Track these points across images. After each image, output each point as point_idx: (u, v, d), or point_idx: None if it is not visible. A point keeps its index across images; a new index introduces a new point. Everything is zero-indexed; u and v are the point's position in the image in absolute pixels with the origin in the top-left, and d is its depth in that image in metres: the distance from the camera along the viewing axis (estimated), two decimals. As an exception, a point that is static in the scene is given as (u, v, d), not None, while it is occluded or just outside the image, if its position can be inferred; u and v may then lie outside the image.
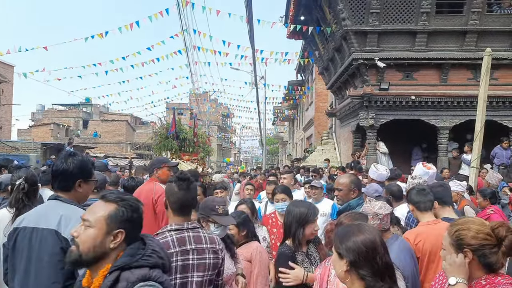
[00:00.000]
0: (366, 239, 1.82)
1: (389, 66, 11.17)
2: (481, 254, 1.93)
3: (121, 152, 39.16)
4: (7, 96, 29.04)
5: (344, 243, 1.85)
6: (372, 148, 11.53)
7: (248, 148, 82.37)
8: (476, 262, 1.94)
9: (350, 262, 1.80)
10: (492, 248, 1.92)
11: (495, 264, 1.92)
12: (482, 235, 1.93)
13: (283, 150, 46.95)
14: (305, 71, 26.88)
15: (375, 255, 1.80)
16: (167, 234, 2.35)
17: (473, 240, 1.94)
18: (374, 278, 1.78)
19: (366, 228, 1.90)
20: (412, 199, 3.38)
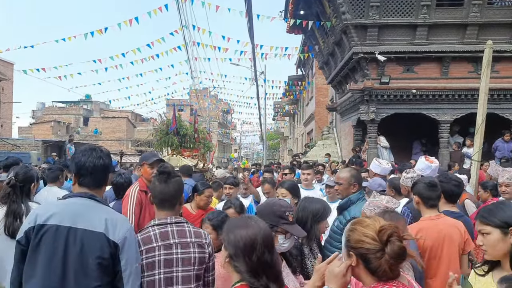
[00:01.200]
0: (247, 235, 1.82)
1: (390, 60, 11.14)
2: (366, 259, 1.70)
3: (122, 149, 39.19)
4: (7, 94, 29.04)
5: (228, 234, 1.88)
6: (373, 142, 11.51)
7: (249, 143, 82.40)
8: (363, 267, 1.72)
9: (229, 254, 1.84)
10: (376, 253, 1.68)
11: (377, 271, 1.68)
12: (365, 239, 1.70)
13: (283, 145, 46.94)
14: (305, 66, 26.81)
15: (252, 252, 1.79)
16: (150, 229, 2.35)
17: (357, 244, 1.72)
18: (248, 274, 1.78)
19: (253, 224, 1.89)
20: (421, 193, 3.26)
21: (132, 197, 3.74)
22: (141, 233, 2.33)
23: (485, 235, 2.11)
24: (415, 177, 4.01)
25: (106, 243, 2.07)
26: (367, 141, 11.94)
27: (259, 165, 17.48)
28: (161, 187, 2.40)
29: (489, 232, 2.10)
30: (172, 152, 10.82)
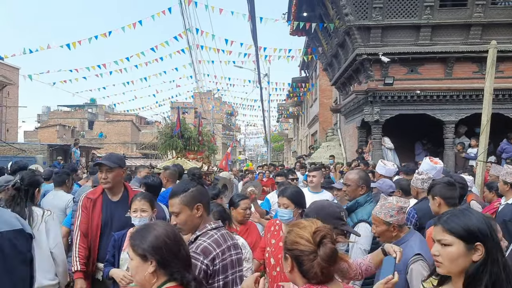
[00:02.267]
0: (169, 235, 1.85)
1: (393, 61, 11.13)
2: (299, 261, 1.66)
3: (127, 152, 39.31)
4: (13, 99, 29.23)
5: (145, 243, 1.81)
6: (378, 143, 11.50)
7: (253, 146, 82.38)
8: (297, 269, 1.68)
9: (156, 262, 1.79)
10: (309, 255, 1.64)
11: (308, 273, 1.64)
12: (300, 240, 1.67)
13: (288, 147, 46.91)
14: (308, 67, 26.81)
15: (179, 249, 1.85)
16: (212, 233, 2.43)
17: (292, 245, 1.68)
18: (180, 272, 1.81)
19: (158, 224, 1.94)
20: (443, 194, 3.21)
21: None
22: (207, 237, 2.37)
23: (444, 246, 1.76)
24: (426, 179, 3.99)
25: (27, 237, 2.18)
26: (370, 142, 11.92)
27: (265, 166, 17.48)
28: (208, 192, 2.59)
29: (450, 243, 1.74)
30: (177, 155, 10.86)
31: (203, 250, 2.28)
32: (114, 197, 3.60)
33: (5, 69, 27.36)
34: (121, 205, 3.54)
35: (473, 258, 1.69)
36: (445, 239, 1.75)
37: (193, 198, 2.42)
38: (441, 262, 1.76)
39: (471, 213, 1.80)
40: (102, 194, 3.59)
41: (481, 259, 1.68)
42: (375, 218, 2.85)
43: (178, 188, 2.50)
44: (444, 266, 1.76)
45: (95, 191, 3.69)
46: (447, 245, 1.74)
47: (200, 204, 2.42)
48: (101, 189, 3.61)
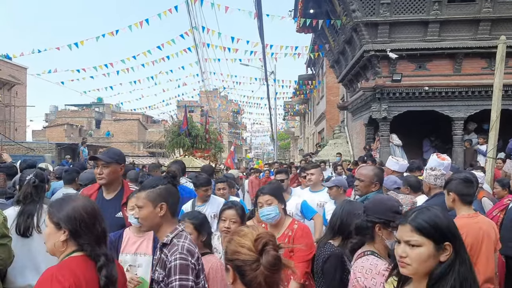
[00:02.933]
0: (87, 207, 1.90)
1: (401, 57, 11.07)
2: (241, 271, 1.57)
3: (134, 151, 39.48)
4: (21, 98, 29.43)
5: (61, 213, 1.87)
6: (386, 140, 11.44)
7: (259, 144, 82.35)
8: (239, 281, 1.59)
9: (68, 232, 1.85)
10: (252, 264, 1.55)
11: (252, 284, 1.55)
12: (242, 249, 1.57)
13: (294, 145, 46.85)
14: (315, 65, 26.72)
15: (95, 222, 1.90)
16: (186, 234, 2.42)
17: (234, 255, 1.59)
18: (91, 245, 1.87)
19: (80, 198, 2.02)
20: (458, 190, 3.15)
21: None
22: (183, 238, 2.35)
23: (413, 247, 1.64)
24: (439, 175, 3.95)
25: None
26: (378, 139, 11.86)
27: (271, 165, 17.47)
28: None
29: (420, 244, 1.63)
30: (184, 153, 10.89)
31: (188, 250, 2.28)
32: (108, 194, 3.39)
33: (13, 69, 27.56)
34: (112, 204, 3.32)
35: (441, 259, 1.62)
36: (414, 239, 1.64)
37: (159, 196, 2.37)
38: (409, 264, 1.65)
39: (437, 211, 1.72)
40: (98, 191, 3.40)
41: (448, 259, 1.61)
42: None
43: (148, 183, 2.46)
44: (411, 268, 1.65)
45: (92, 187, 3.49)
46: (416, 246, 1.63)
47: (165, 204, 2.36)
48: (98, 186, 3.42)
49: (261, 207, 3.14)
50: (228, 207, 3.39)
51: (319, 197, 5.09)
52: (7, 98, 26.98)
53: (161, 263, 2.32)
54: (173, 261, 2.22)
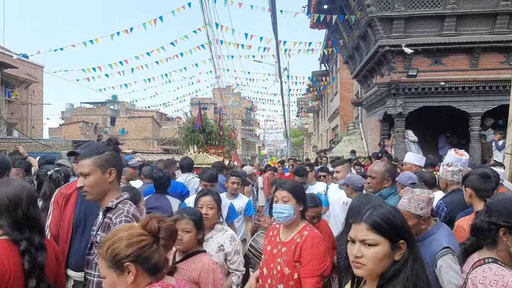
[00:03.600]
0: (12, 192, 1.95)
1: (417, 52, 10.92)
2: (143, 260, 1.61)
3: (148, 148, 39.81)
4: (38, 96, 29.86)
5: None
6: (401, 136, 11.32)
7: (272, 141, 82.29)
8: (140, 271, 1.61)
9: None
10: (152, 245, 1.64)
11: (159, 263, 1.65)
12: (136, 238, 1.62)
13: (308, 141, 46.70)
14: (329, 61, 26.57)
15: (17, 207, 1.94)
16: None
17: (129, 249, 1.60)
18: (11, 228, 1.91)
19: (15, 183, 2.04)
20: (476, 185, 3.10)
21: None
22: (128, 205, 2.34)
23: (369, 246, 1.55)
24: (456, 171, 3.89)
25: None
26: (393, 135, 11.74)
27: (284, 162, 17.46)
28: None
29: (377, 243, 1.54)
30: (198, 149, 10.93)
31: (133, 215, 2.26)
32: None
33: (30, 67, 27.98)
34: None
35: (395, 258, 1.54)
36: (370, 238, 1.54)
37: (107, 161, 2.31)
38: (364, 264, 1.54)
39: (391, 208, 1.65)
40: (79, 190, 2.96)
41: (402, 258, 1.54)
42: (404, 213, 2.68)
43: (91, 150, 2.35)
44: (367, 268, 1.55)
45: (71, 185, 3.04)
46: (372, 245, 1.54)
47: (114, 169, 2.32)
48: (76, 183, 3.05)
49: (276, 202, 2.86)
50: (204, 193, 3.37)
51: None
52: (24, 96, 27.40)
53: (104, 226, 2.27)
54: (118, 223, 2.18)
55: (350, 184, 4.49)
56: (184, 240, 2.69)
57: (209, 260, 2.72)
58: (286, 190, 2.84)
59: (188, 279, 2.58)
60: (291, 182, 2.95)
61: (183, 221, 2.72)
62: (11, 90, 26.12)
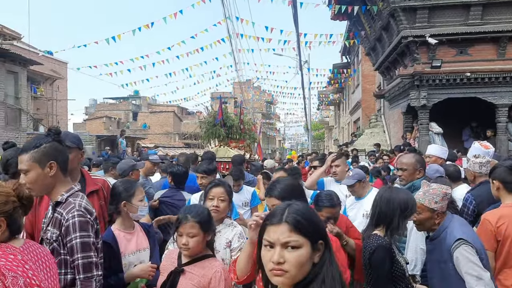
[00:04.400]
0: None
1: (441, 43, 10.69)
2: (12, 219, 1.81)
3: (170, 142, 40.24)
4: (62, 92, 30.45)
5: None
6: (425, 129, 11.12)
7: (293, 135, 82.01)
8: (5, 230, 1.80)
9: None
10: (19, 210, 1.86)
11: (20, 227, 1.87)
12: (11, 198, 1.82)
13: (329, 135, 46.36)
14: (350, 53, 26.25)
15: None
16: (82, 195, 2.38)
17: (6, 206, 1.78)
18: None
19: None
20: (503, 178, 3.02)
21: None
22: (79, 198, 2.25)
23: (292, 249, 1.35)
24: (484, 163, 3.80)
25: None
26: (417, 128, 11.55)
27: (302, 156, 17.47)
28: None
29: (300, 245, 1.35)
30: (220, 143, 10.97)
31: (86, 208, 2.19)
32: None
33: (55, 64, 28.53)
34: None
35: (315, 260, 1.38)
36: (294, 240, 1.35)
37: (45, 155, 2.17)
38: (287, 271, 1.33)
39: (305, 205, 1.49)
40: None
41: (321, 260, 1.39)
42: (418, 205, 2.72)
43: (29, 144, 2.22)
44: (289, 275, 1.34)
45: None
46: (296, 248, 1.35)
47: (54, 162, 2.18)
48: None
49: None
50: (216, 184, 3.11)
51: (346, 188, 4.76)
52: (49, 93, 27.99)
53: (54, 222, 2.18)
54: (70, 218, 2.12)
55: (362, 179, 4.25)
56: (190, 245, 2.39)
57: (220, 267, 2.46)
58: (275, 197, 2.40)
59: (198, 285, 2.38)
60: (280, 186, 2.47)
61: (187, 225, 2.41)
62: (37, 86, 26.72)
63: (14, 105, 17.38)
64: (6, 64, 16.64)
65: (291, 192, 2.36)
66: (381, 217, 2.65)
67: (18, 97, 17.60)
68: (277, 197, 2.39)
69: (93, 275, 2.15)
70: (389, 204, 2.62)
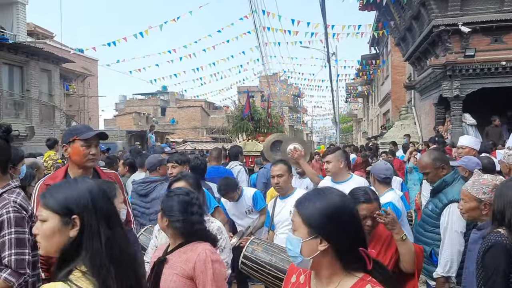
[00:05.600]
0: None
1: (475, 31, 10.34)
2: None
3: (198, 137, 40.64)
4: (93, 89, 31.14)
5: None
6: (458, 120, 10.81)
7: (320, 128, 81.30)
8: None
9: None
10: None
11: None
12: None
13: (357, 128, 45.77)
14: (379, 44, 25.75)
15: None
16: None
17: None
18: None
19: None
20: None
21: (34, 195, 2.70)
22: (15, 194, 2.21)
23: (42, 223, 1.51)
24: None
25: None
26: (449, 119, 11.24)
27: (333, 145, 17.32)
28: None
29: (45, 219, 1.50)
30: (248, 137, 11.00)
31: (21, 205, 2.16)
32: None
33: (85, 61, 29.20)
34: None
35: (70, 234, 1.46)
36: (41, 214, 1.50)
37: None
38: (39, 242, 1.50)
39: (62, 182, 1.64)
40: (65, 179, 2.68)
41: (82, 235, 1.45)
42: (465, 194, 2.64)
43: None
44: (41, 246, 1.50)
45: (55, 175, 2.78)
46: (43, 221, 1.48)
47: None
48: (63, 173, 2.71)
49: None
50: (178, 178, 3.11)
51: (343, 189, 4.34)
52: (80, 89, 28.70)
53: None
54: (5, 214, 2.08)
55: (373, 173, 4.01)
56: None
57: (205, 248, 2.18)
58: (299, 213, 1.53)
59: (181, 274, 2.13)
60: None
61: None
62: (69, 84, 27.43)
63: (48, 102, 17.91)
64: (39, 63, 17.15)
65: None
66: (496, 214, 2.41)
67: (52, 95, 18.12)
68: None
69: (25, 272, 2.09)
70: (500, 198, 2.39)
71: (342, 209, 1.50)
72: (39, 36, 25.93)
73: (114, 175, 3.00)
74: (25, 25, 19.99)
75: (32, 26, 25.56)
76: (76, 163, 2.63)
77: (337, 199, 1.52)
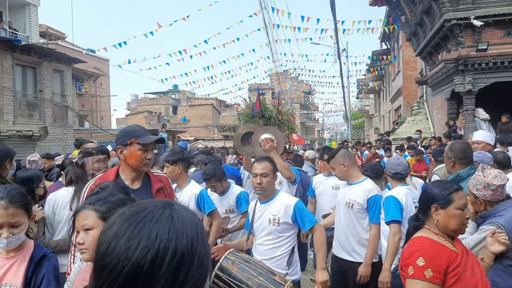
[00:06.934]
0: None
1: (487, 24, 10.21)
2: None
3: (209, 135, 40.80)
4: (105, 88, 31.49)
5: None
6: (471, 115, 10.69)
7: (332, 124, 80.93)
8: None
9: None
10: None
11: None
12: None
13: (369, 124, 45.46)
14: (390, 39, 25.54)
15: None
16: None
17: None
18: None
19: None
20: None
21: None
22: None
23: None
24: None
25: None
26: (462, 114, 11.12)
27: (346, 142, 17.32)
28: None
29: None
30: (258, 135, 11.03)
31: None
32: (134, 183, 2.58)
33: (97, 61, 29.52)
34: (142, 195, 2.49)
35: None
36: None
37: None
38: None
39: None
40: (116, 180, 2.55)
41: None
42: (468, 187, 2.70)
43: None
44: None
45: (106, 175, 2.65)
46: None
47: None
48: (114, 173, 2.60)
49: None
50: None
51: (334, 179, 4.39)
52: (92, 89, 29.03)
53: None
54: None
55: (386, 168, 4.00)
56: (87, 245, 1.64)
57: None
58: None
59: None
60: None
61: (81, 214, 1.68)
62: (81, 84, 27.75)
63: (61, 102, 18.11)
64: (52, 63, 17.34)
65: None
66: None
67: (64, 95, 18.31)
68: None
69: None
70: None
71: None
72: (51, 37, 26.25)
73: (164, 178, 2.86)
74: (37, 27, 20.25)
75: (45, 27, 25.89)
76: (132, 166, 2.53)
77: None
